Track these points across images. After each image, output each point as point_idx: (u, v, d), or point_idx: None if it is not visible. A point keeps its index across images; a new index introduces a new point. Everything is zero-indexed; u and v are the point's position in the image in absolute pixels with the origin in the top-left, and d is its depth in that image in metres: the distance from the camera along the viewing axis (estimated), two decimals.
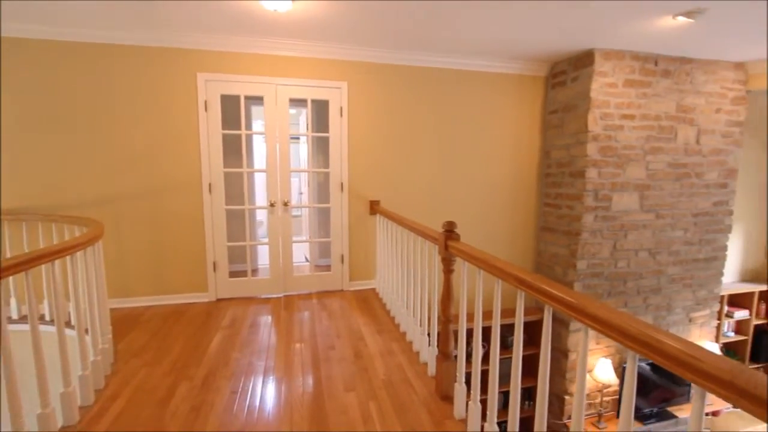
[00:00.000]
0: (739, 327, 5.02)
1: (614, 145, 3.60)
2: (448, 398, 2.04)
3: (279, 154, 3.35)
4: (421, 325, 2.45)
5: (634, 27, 2.98)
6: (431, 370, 2.26)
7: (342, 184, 3.50)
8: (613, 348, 3.94)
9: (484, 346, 3.57)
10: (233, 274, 3.47)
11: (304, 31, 3.03)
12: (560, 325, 3.82)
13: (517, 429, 1.56)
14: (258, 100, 3.37)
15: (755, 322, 5.00)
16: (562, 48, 3.48)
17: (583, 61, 3.55)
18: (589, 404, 3.93)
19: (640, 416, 4.02)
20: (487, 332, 3.33)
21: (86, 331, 2.01)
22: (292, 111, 5.28)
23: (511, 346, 3.99)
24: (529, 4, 2.56)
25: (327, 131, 3.46)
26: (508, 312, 3.53)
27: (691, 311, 4.18)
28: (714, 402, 4.41)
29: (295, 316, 3.08)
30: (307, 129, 3.57)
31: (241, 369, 2.31)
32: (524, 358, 3.88)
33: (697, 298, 4.18)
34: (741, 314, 4.94)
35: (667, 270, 3.97)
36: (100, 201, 3.14)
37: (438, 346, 2.13)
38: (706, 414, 4.61)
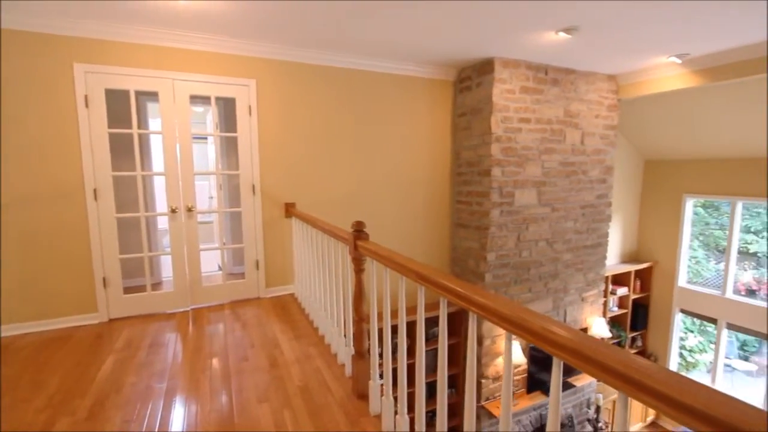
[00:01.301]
0: (621, 302, 5.85)
1: (514, 146, 3.94)
2: (364, 396, 2.05)
3: (180, 155, 3.08)
4: (338, 326, 2.43)
5: (526, 39, 3.28)
6: (349, 370, 2.25)
7: (254, 186, 3.34)
8: None
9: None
10: (130, 289, 3.12)
11: (205, 24, 2.83)
12: None
13: (424, 423, 1.62)
14: (154, 96, 3.07)
15: (633, 296, 5.87)
16: (467, 55, 3.71)
17: (485, 68, 3.83)
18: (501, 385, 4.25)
19: (546, 389, 4.46)
20: (408, 327, 3.45)
21: None
22: (199, 109, 4.93)
23: (434, 338, 4.17)
24: (432, 8, 2.68)
25: (236, 131, 3.27)
26: (428, 306, 3.66)
27: (583, 291, 4.75)
28: None
29: (205, 330, 2.86)
30: (215, 128, 3.34)
31: (138, 394, 2.08)
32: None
33: (587, 280, 4.76)
34: (622, 291, 5.75)
35: (562, 257, 4.46)
36: None
37: (353, 345, 2.13)
38: (599, 381, 5.28)
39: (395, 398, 1.81)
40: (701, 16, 2.80)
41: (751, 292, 7.12)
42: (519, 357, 4.09)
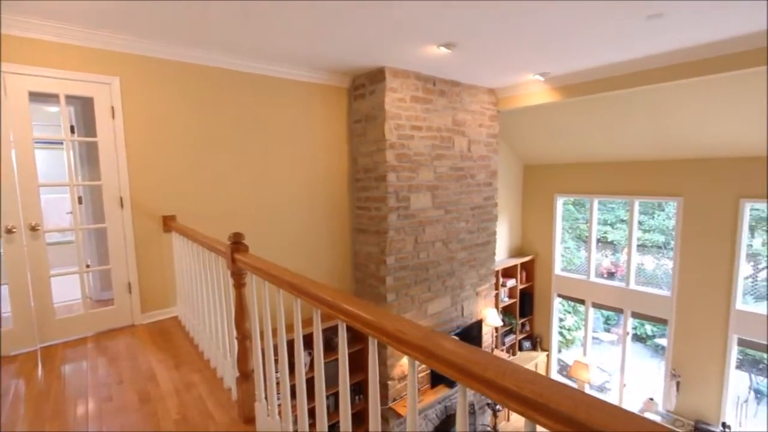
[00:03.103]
0: (511, 292, 6.48)
1: (408, 152, 4.11)
2: (251, 420, 1.91)
3: (17, 164, 2.55)
4: (223, 348, 2.24)
5: (412, 51, 3.45)
6: (236, 394, 2.08)
7: (121, 198, 2.92)
8: None
9: (309, 353, 3.56)
10: None
11: (48, 8, 2.40)
12: None
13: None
14: None
15: (520, 287, 6.55)
16: (360, 63, 3.77)
17: (377, 76, 3.93)
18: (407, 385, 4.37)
19: (448, 382, 4.71)
20: (305, 341, 3.31)
21: None
22: (53, 109, 4.20)
23: (332, 349, 4.10)
24: (309, 13, 2.65)
25: (96, 135, 2.83)
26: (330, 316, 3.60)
27: (477, 286, 5.14)
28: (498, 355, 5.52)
29: (58, 371, 2.40)
30: (66, 132, 2.85)
31: None
32: (349, 354, 4.04)
33: (480, 275, 5.17)
34: (511, 282, 6.38)
35: (457, 256, 4.77)
36: None
37: (238, 366, 1.98)
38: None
39: (295, 416, 1.72)
40: (556, 44, 3.25)
41: (611, 275, 8.51)
42: None
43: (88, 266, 3.42)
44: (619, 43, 3.29)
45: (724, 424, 4.98)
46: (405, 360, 4.29)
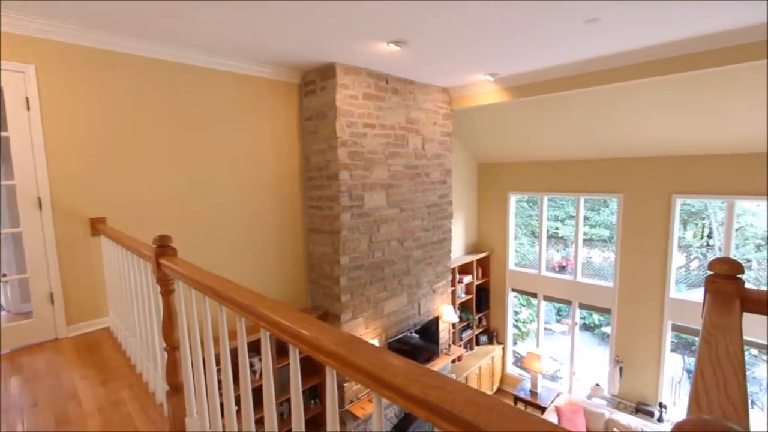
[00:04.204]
0: (468, 288, 6.61)
1: (361, 150, 4.06)
2: None
3: None
4: (154, 360, 2.08)
5: (362, 48, 3.39)
6: (167, 409, 1.94)
7: (40, 199, 2.64)
8: (380, 329, 4.47)
9: (259, 359, 3.43)
10: None
11: None
12: (334, 318, 4.05)
13: None
14: None
15: (476, 282, 6.69)
16: (310, 59, 3.66)
17: (328, 73, 3.84)
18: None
19: None
20: (249, 347, 3.18)
21: None
22: None
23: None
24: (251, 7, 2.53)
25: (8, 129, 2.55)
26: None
27: (434, 284, 5.19)
28: (455, 351, 5.61)
29: None
30: None
31: None
32: (303, 359, 3.94)
33: (437, 273, 5.22)
34: (467, 279, 6.50)
35: (413, 254, 4.79)
36: None
37: (167, 379, 1.84)
38: (453, 361, 5.86)
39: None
40: (502, 45, 3.31)
41: (562, 268, 8.92)
42: None
43: (4, 275, 3.08)
44: (562, 45, 3.41)
45: (661, 404, 5.35)
46: None
